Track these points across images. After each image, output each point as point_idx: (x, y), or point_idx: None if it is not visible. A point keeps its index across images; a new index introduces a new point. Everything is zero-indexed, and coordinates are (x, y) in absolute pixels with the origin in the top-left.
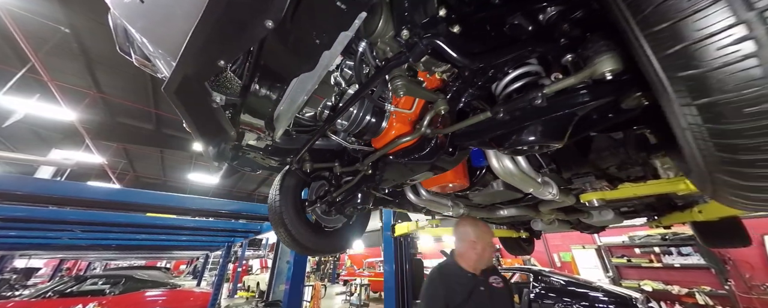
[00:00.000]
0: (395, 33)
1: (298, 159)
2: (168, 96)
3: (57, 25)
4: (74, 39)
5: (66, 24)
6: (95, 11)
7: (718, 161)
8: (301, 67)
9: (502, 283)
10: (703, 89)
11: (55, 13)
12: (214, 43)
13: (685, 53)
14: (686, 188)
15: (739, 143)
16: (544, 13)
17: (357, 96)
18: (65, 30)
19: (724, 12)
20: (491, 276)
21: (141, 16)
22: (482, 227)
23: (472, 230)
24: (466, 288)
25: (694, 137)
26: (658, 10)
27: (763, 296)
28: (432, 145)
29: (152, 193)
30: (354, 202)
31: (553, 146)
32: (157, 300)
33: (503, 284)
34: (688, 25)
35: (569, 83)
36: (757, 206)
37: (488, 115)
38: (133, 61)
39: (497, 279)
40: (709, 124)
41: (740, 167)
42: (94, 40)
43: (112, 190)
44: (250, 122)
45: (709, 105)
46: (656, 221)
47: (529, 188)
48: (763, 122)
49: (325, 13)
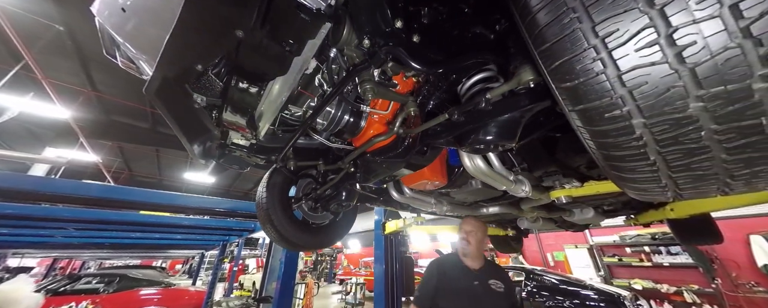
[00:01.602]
0: (358, 42)
1: (283, 157)
2: (148, 97)
3: (51, 23)
4: (68, 37)
5: (60, 21)
6: (88, 9)
7: (601, 157)
8: (275, 71)
9: (501, 288)
10: (576, 98)
11: (48, 10)
12: (189, 49)
13: (562, 68)
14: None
15: (608, 142)
16: (499, 24)
17: (330, 97)
18: (59, 28)
19: (579, 39)
20: (493, 278)
21: (123, 24)
22: (473, 222)
23: (465, 225)
24: (460, 280)
25: (584, 138)
26: (542, 33)
27: (748, 294)
28: (405, 144)
29: (146, 191)
30: (338, 199)
31: (507, 145)
32: (151, 299)
33: (503, 289)
34: (563, 46)
35: (504, 89)
36: (641, 195)
37: (446, 116)
38: (119, 64)
39: (498, 283)
40: (587, 126)
41: (614, 162)
42: (88, 37)
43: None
44: (232, 121)
45: (582, 111)
46: (634, 219)
47: (502, 185)
48: (619, 124)
49: (291, 24)
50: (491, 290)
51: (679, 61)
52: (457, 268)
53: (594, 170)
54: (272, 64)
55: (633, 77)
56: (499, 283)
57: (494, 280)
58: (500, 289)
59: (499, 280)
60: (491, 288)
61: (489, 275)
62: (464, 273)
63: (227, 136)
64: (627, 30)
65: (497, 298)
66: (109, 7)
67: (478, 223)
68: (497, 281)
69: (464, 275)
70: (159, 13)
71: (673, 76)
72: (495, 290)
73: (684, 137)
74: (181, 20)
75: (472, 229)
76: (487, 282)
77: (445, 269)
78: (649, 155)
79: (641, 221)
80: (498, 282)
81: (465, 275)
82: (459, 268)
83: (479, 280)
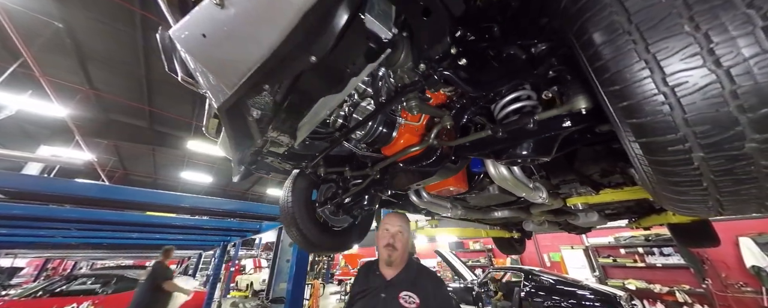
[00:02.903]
0: (413, 65)
1: (314, 164)
2: (220, 114)
3: (50, 20)
4: (67, 34)
5: (59, 19)
6: (90, 6)
7: (655, 180)
8: (330, 89)
9: (414, 303)
10: (642, 133)
11: (47, 7)
12: (268, 74)
13: (631, 107)
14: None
15: (666, 169)
16: (535, 48)
17: (377, 113)
18: (58, 25)
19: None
20: (408, 289)
21: (201, 48)
22: (398, 220)
23: (390, 226)
24: (368, 291)
25: (639, 162)
26: (612, 78)
27: (737, 294)
28: (437, 154)
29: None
30: (361, 203)
31: (542, 159)
32: None
33: (418, 304)
34: (634, 91)
35: (555, 114)
36: (682, 212)
37: (489, 133)
38: (179, 79)
39: (410, 297)
40: (648, 156)
41: (668, 185)
42: (88, 35)
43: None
44: (275, 131)
45: (646, 143)
46: (636, 222)
47: (522, 192)
48: (680, 157)
49: (358, 50)
50: (399, 305)
51: (740, 111)
52: (371, 274)
53: (606, 178)
54: (331, 84)
55: (697, 120)
56: (412, 297)
57: (407, 292)
58: (412, 304)
59: (414, 292)
60: (399, 303)
61: (403, 285)
62: (374, 282)
63: (266, 144)
64: (696, 83)
65: None
66: (190, 31)
67: (404, 220)
68: (409, 294)
69: (374, 284)
70: (244, 44)
71: (734, 121)
72: (403, 305)
73: (738, 169)
74: (275, 54)
75: (400, 230)
76: (398, 294)
77: (367, 273)
78: (702, 182)
79: (643, 225)
80: (411, 295)
81: (374, 284)
82: (373, 275)
83: (387, 292)
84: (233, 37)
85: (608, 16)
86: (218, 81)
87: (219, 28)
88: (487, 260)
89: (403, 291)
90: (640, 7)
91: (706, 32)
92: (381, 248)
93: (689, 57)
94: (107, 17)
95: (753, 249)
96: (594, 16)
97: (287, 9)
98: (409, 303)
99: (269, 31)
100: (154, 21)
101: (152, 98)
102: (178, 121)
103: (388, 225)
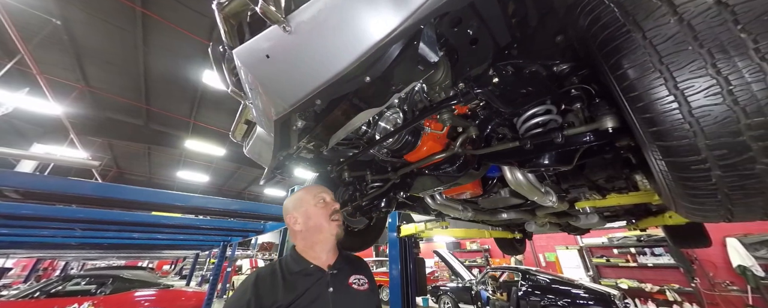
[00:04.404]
0: (452, 83)
1: (340, 169)
2: (274, 125)
3: (48, 17)
4: (65, 31)
5: (57, 15)
6: (89, 3)
7: (675, 192)
8: (373, 104)
9: (366, 284)
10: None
11: (46, 3)
12: (322, 93)
13: (660, 132)
14: (659, 199)
15: (687, 183)
16: (557, 67)
17: (410, 124)
18: (56, 22)
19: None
20: (354, 273)
21: (262, 67)
22: (310, 189)
23: (290, 203)
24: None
25: (663, 177)
26: (645, 107)
27: (723, 293)
28: (460, 161)
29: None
30: (379, 206)
31: (563, 168)
32: (149, 300)
33: (368, 285)
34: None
35: (583, 130)
36: (695, 218)
37: (516, 144)
38: (229, 91)
39: (360, 279)
40: (672, 171)
41: (687, 196)
42: (86, 32)
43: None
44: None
45: (672, 162)
46: (634, 224)
47: (534, 196)
48: (701, 174)
49: (408, 71)
50: (355, 293)
51: (752, 140)
52: (292, 276)
53: (610, 183)
54: (376, 99)
55: (717, 145)
56: (360, 277)
57: (356, 276)
58: (363, 286)
59: (358, 271)
60: (354, 290)
61: (348, 270)
62: (307, 282)
63: (300, 150)
64: (717, 116)
65: (365, 300)
66: (254, 52)
67: (305, 190)
68: (359, 276)
69: (306, 284)
70: (310, 68)
71: (747, 147)
72: (359, 290)
73: (749, 185)
74: (340, 80)
75: (332, 199)
76: (347, 281)
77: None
78: (718, 195)
79: (641, 226)
80: (359, 276)
81: (307, 284)
82: (296, 277)
83: (335, 284)
84: (299, 61)
85: (641, 56)
86: (275, 97)
87: (284, 52)
88: (484, 260)
89: (352, 275)
90: (671, 51)
91: (726, 76)
92: (325, 224)
93: (712, 95)
94: (107, 15)
95: (739, 249)
96: (630, 53)
97: (363, 41)
98: (361, 286)
99: (338, 60)
100: (154, 20)
101: (150, 96)
102: (176, 120)
103: (323, 194)
